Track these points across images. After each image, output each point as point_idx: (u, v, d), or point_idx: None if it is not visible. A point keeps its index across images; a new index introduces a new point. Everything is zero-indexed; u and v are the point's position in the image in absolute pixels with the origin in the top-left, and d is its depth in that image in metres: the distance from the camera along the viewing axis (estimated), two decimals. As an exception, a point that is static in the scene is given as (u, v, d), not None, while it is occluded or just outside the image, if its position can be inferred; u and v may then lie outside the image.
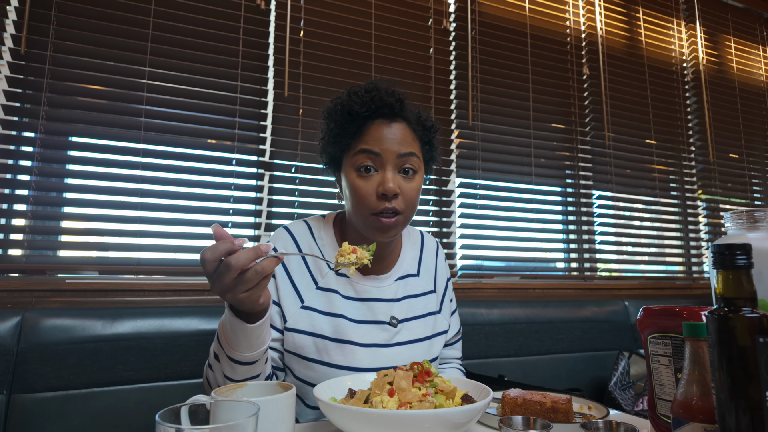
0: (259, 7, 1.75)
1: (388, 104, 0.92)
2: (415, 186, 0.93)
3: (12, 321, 1.15)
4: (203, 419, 0.54)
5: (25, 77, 1.44)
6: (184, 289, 1.49)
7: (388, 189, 0.88)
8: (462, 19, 2.11)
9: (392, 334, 0.98)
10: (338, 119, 0.94)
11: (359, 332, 0.95)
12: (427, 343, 1.02)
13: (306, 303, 0.95)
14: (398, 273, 1.05)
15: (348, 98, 0.94)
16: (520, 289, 2.01)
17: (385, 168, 0.90)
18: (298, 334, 0.93)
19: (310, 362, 0.92)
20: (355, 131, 0.93)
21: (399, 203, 0.90)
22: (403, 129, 0.93)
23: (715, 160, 2.61)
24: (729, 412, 0.50)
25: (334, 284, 0.98)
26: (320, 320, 0.94)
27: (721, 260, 0.54)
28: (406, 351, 0.98)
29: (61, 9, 1.49)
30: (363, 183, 0.90)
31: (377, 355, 0.95)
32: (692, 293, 2.42)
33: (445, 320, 1.09)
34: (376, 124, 0.92)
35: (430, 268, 1.12)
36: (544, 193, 2.19)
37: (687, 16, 2.71)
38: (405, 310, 1.02)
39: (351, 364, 0.92)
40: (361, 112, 0.91)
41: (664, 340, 0.70)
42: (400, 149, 0.91)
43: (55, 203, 1.51)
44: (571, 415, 0.81)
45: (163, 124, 1.57)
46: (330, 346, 0.93)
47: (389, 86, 0.95)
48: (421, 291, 1.07)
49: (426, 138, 0.99)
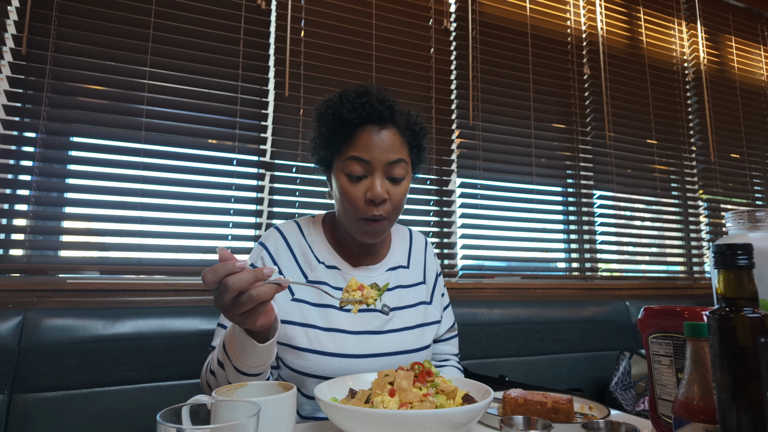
0: (259, 7, 1.75)
1: (378, 111, 0.93)
2: (403, 190, 0.96)
3: (13, 321, 1.15)
4: (204, 419, 0.54)
5: (27, 77, 1.44)
6: (185, 289, 1.49)
7: (376, 195, 0.91)
8: (462, 19, 2.11)
9: (384, 321, 1.00)
10: (329, 123, 0.96)
11: (350, 320, 0.97)
12: (419, 331, 1.04)
13: (296, 296, 0.97)
14: (389, 264, 1.08)
15: (339, 103, 0.95)
16: (520, 289, 2.01)
17: (374, 174, 0.93)
18: (290, 326, 0.95)
19: (302, 352, 0.93)
20: (346, 136, 0.95)
21: (386, 208, 0.94)
22: (392, 135, 0.95)
23: (716, 160, 2.60)
24: (730, 412, 0.50)
25: (324, 276, 1.00)
26: (311, 311, 0.96)
27: (723, 260, 0.53)
28: (398, 338, 1.00)
29: (62, 9, 1.49)
30: (352, 188, 0.93)
31: (368, 342, 0.97)
32: (693, 293, 2.42)
33: (437, 311, 1.12)
34: (366, 130, 0.94)
35: (420, 261, 1.15)
36: (545, 192, 2.19)
37: (688, 15, 2.71)
38: (396, 299, 1.04)
39: (342, 351, 0.94)
40: (352, 118, 0.93)
41: (666, 340, 0.70)
42: (389, 156, 0.93)
43: (56, 203, 1.51)
44: (572, 415, 0.80)
45: (164, 124, 1.57)
46: (321, 335, 0.94)
47: (380, 92, 0.97)
48: (411, 282, 1.10)
49: (414, 141, 1.01)
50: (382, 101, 0.95)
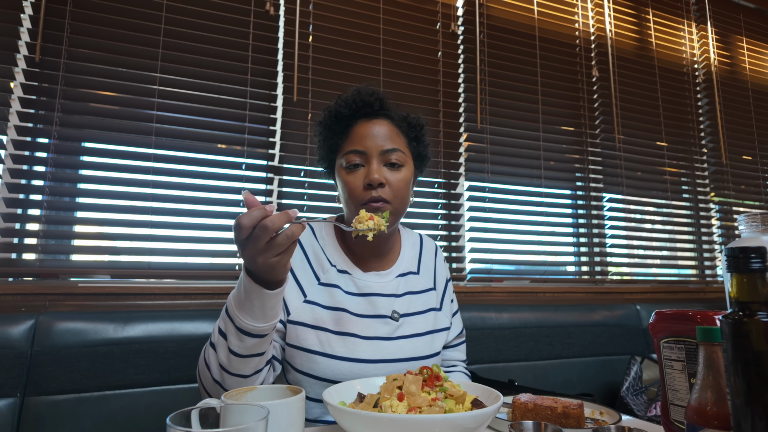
0: (268, 13, 1.76)
1: (368, 103, 0.99)
2: (402, 177, 0.97)
3: (26, 324, 1.17)
4: (213, 422, 0.54)
5: (40, 84, 1.47)
6: (195, 292, 1.50)
7: (373, 179, 0.93)
8: (470, 22, 2.11)
9: (394, 327, 1.00)
10: (327, 122, 1.02)
11: (361, 325, 0.97)
12: (429, 337, 1.04)
13: (308, 297, 0.97)
14: (399, 270, 1.08)
15: (335, 103, 1.02)
16: (530, 292, 2.00)
17: (371, 162, 0.95)
18: (301, 327, 0.94)
19: (313, 354, 0.93)
20: (342, 132, 1.00)
21: (386, 192, 0.94)
22: (385, 126, 0.99)
23: (727, 162, 2.57)
24: (745, 418, 0.49)
25: (336, 280, 1.00)
26: (323, 313, 0.96)
27: (735, 263, 0.53)
28: (408, 345, 1.00)
29: (75, 17, 1.51)
30: (351, 177, 0.96)
31: (379, 348, 0.96)
32: (705, 297, 2.38)
33: (446, 318, 1.11)
34: (359, 124, 0.99)
35: (430, 267, 1.14)
36: (554, 196, 2.18)
37: (698, 17, 2.68)
38: (406, 305, 1.04)
39: (353, 356, 0.94)
40: (345, 112, 0.99)
41: (678, 345, 0.69)
42: (383, 145, 0.96)
43: (68, 208, 1.53)
44: (583, 420, 0.80)
45: (174, 129, 1.59)
46: (333, 339, 0.94)
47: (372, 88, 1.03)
48: (421, 288, 1.09)
49: (413, 134, 1.04)
50: (372, 94, 1.00)
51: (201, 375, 0.85)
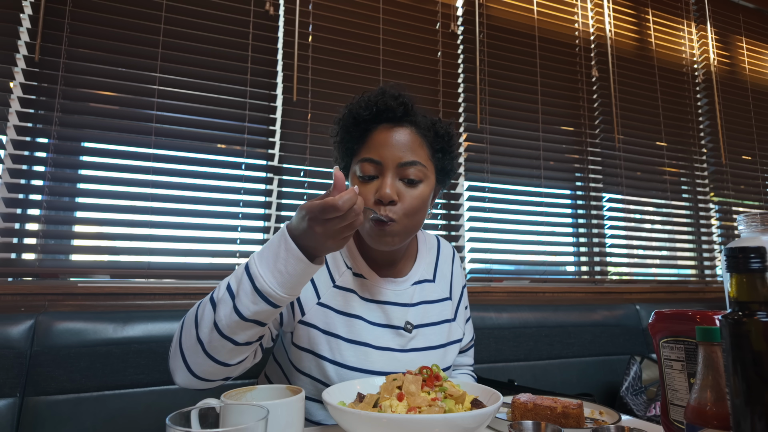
0: (268, 13, 1.76)
1: (391, 108, 0.90)
2: (418, 194, 0.90)
3: (25, 324, 1.16)
4: (213, 422, 0.54)
5: (39, 84, 1.47)
6: (195, 292, 1.50)
7: (383, 195, 0.86)
8: (470, 22, 2.11)
9: (407, 339, 0.97)
10: (345, 123, 0.95)
11: (374, 334, 0.94)
12: (442, 351, 1.00)
13: (322, 300, 0.93)
14: (414, 278, 1.03)
15: (356, 102, 0.94)
16: (529, 292, 2.00)
17: (385, 175, 0.88)
18: (314, 330, 0.91)
19: (324, 362, 0.90)
20: (359, 136, 0.93)
21: (396, 210, 0.88)
22: (408, 134, 0.90)
23: (727, 162, 2.57)
24: (744, 418, 0.49)
25: (351, 284, 0.96)
26: (335, 319, 0.92)
27: (735, 263, 0.53)
28: (420, 358, 0.96)
29: (74, 17, 1.51)
30: (363, 189, 0.90)
31: (391, 360, 0.93)
32: (705, 297, 2.39)
33: (460, 328, 1.07)
34: (380, 129, 0.91)
35: (446, 274, 1.10)
36: (554, 195, 2.18)
37: (697, 17, 2.68)
38: (420, 316, 1.00)
39: (365, 366, 0.91)
40: (364, 115, 0.91)
41: (677, 345, 0.69)
42: (402, 157, 0.88)
43: (67, 208, 1.53)
44: (582, 420, 0.80)
45: (174, 129, 1.59)
46: (344, 347, 0.91)
47: (397, 90, 0.93)
48: (436, 297, 1.05)
49: (438, 145, 0.95)
50: (397, 98, 0.91)
51: (183, 331, 0.79)
